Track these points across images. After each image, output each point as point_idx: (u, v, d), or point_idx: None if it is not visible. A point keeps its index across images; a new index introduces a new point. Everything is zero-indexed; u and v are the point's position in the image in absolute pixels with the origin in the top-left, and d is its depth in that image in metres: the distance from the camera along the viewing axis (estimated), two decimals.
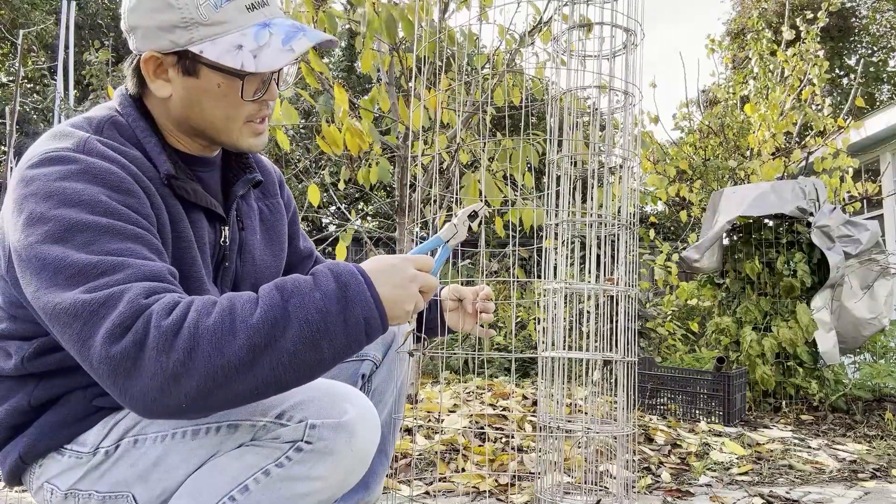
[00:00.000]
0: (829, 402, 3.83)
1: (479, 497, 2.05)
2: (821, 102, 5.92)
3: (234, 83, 1.05)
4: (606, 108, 1.53)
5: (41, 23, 11.58)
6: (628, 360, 1.46)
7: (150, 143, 1.06)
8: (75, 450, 1.04)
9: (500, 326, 5.45)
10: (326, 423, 0.96)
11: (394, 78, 3.15)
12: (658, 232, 8.25)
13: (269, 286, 0.91)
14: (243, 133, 1.11)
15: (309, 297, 0.88)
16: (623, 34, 1.48)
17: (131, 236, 0.93)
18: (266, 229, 1.29)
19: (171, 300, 0.87)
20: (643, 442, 2.81)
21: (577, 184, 1.52)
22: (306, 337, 0.86)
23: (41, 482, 1.07)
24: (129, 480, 1.02)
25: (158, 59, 1.04)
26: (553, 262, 1.51)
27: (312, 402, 0.98)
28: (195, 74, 1.05)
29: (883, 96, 17.92)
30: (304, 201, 3.41)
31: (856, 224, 3.93)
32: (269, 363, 0.85)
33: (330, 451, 0.96)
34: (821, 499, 2.15)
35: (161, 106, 1.10)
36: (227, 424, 0.99)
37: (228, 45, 1.02)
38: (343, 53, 12.47)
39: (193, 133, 1.12)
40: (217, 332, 0.84)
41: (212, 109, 1.07)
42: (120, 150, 1.02)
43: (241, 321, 0.85)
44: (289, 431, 0.96)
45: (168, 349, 0.82)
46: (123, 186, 0.96)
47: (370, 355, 1.39)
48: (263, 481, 0.96)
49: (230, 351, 0.84)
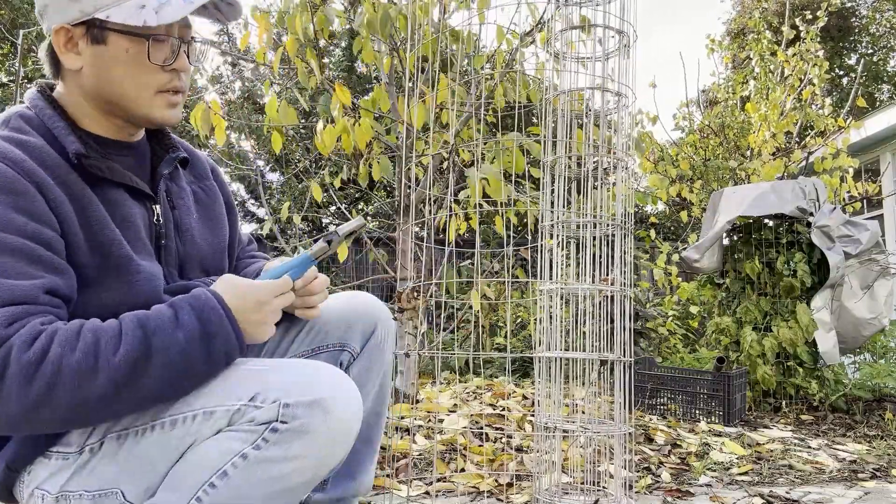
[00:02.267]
0: (829, 402, 3.83)
1: (478, 497, 2.05)
2: (821, 102, 5.92)
3: (142, 46, 1.06)
4: (600, 110, 1.53)
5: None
6: (625, 360, 1.46)
7: (57, 128, 1.06)
8: (61, 451, 1.04)
9: (500, 326, 5.45)
10: (300, 402, 0.95)
11: (394, 78, 3.15)
12: (658, 232, 8.25)
13: (132, 320, 0.95)
14: (155, 103, 1.11)
15: (172, 336, 0.95)
16: (616, 36, 1.48)
17: (8, 249, 0.93)
18: (202, 209, 1.29)
19: (33, 331, 0.89)
20: (643, 442, 2.81)
21: (573, 185, 1.52)
22: (168, 376, 0.95)
23: (31, 489, 1.06)
24: (116, 477, 1.02)
25: (69, 31, 1.06)
26: (549, 263, 1.51)
27: (287, 382, 0.98)
28: (103, 41, 1.06)
29: (883, 96, 17.91)
30: (304, 201, 3.43)
31: (856, 224, 3.93)
32: (130, 398, 0.93)
33: (305, 429, 0.95)
34: (821, 499, 2.15)
35: (74, 82, 1.10)
36: (203, 412, 0.98)
37: (133, 7, 1.04)
38: (343, 53, 12.47)
39: (108, 110, 1.12)
40: (79, 371, 0.89)
41: (121, 78, 1.08)
42: (19, 142, 1.01)
43: (104, 359, 0.91)
44: (263, 413, 0.96)
45: (29, 382, 0.87)
46: (12, 186, 0.96)
47: (349, 346, 1.37)
48: (241, 465, 0.95)
49: (92, 387, 0.90)
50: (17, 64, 5.44)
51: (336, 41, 12.01)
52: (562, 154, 1.50)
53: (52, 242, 0.98)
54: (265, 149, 11.67)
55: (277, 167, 12.37)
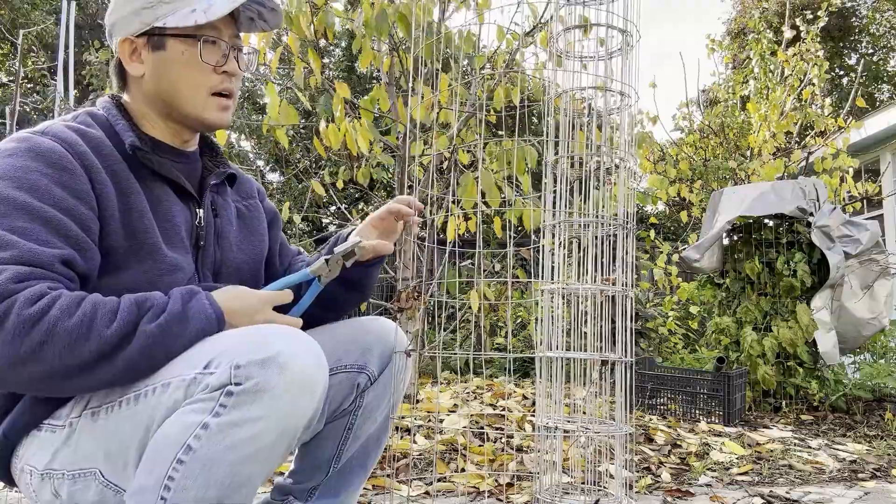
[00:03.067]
0: (829, 402, 3.83)
1: (478, 497, 2.05)
2: (821, 102, 5.92)
3: (195, 48, 1.18)
4: (603, 110, 1.53)
5: (41, 23, 11.60)
6: (626, 360, 1.46)
7: (119, 125, 1.17)
8: (52, 423, 1.07)
9: (500, 326, 5.45)
10: (252, 360, 0.95)
11: (394, 78, 3.15)
12: (658, 232, 8.25)
13: (129, 298, 1.01)
14: (209, 105, 1.21)
15: (156, 319, 1.00)
16: (619, 35, 1.48)
17: (40, 217, 1.01)
18: (244, 223, 1.35)
19: (39, 290, 0.95)
20: (643, 442, 2.81)
21: (575, 185, 1.52)
22: (147, 355, 0.99)
23: (22, 465, 1.09)
24: (93, 455, 1.04)
25: (133, 42, 1.18)
26: (550, 263, 1.51)
27: (239, 346, 0.97)
28: (163, 47, 1.18)
29: (883, 96, 17.91)
30: (304, 201, 3.44)
31: (856, 224, 3.93)
32: (108, 371, 0.98)
33: (262, 388, 0.94)
34: (821, 499, 2.15)
35: (137, 89, 1.21)
36: (161, 384, 0.99)
37: (185, 12, 1.16)
38: (343, 53, 12.47)
39: (166, 113, 1.21)
40: (73, 335, 0.94)
41: (177, 78, 1.18)
42: (80, 131, 1.11)
43: (97, 331, 0.96)
44: (215, 378, 0.95)
45: (22, 336, 0.93)
46: (60, 164, 1.05)
47: (367, 369, 1.36)
48: (204, 436, 0.93)
49: (79, 354, 0.95)
50: (17, 64, 5.45)
51: (336, 41, 12.01)
52: (563, 154, 1.50)
53: (85, 220, 1.05)
54: (265, 149, 11.67)
55: (277, 167, 12.38)
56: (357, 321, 1.42)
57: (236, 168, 1.38)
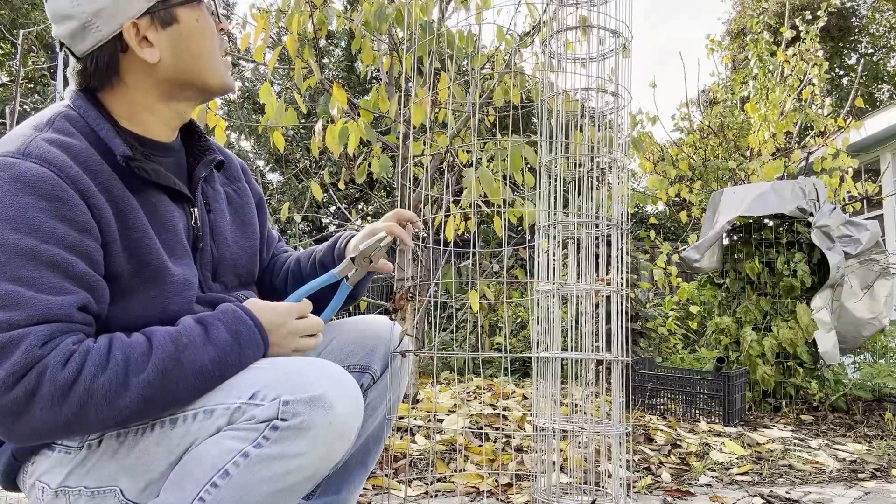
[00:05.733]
0: (829, 402, 3.83)
1: (478, 497, 2.05)
2: (821, 102, 5.91)
3: (203, 12, 1.12)
4: (596, 111, 1.53)
5: (41, 23, 11.59)
6: (622, 360, 1.46)
7: (102, 129, 1.06)
8: (65, 444, 1.04)
9: (500, 327, 5.45)
10: (300, 398, 0.95)
11: (393, 78, 3.15)
12: (658, 232, 8.25)
13: (163, 335, 0.98)
14: (223, 68, 1.16)
15: (203, 349, 0.98)
16: (612, 37, 1.48)
17: (47, 261, 0.93)
18: (235, 212, 1.30)
19: (66, 351, 0.91)
20: (643, 442, 2.81)
21: (570, 185, 1.52)
22: (197, 385, 0.98)
23: (33, 480, 1.07)
24: (115, 474, 1.02)
25: (135, 24, 1.06)
26: (545, 263, 1.50)
27: (286, 379, 0.97)
28: (175, 21, 1.09)
29: (883, 96, 17.90)
30: (304, 201, 3.44)
31: (856, 224, 3.93)
32: (158, 406, 0.96)
33: (306, 426, 0.95)
34: (821, 499, 2.15)
35: (142, 79, 1.10)
36: (203, 410, 0.99)
37: None
38: (343, 53, 12.47)
39: (179, 95, 1.14)
40: (109, 391, 0.92)
41: (199, 50, 1.11)
42: (64, 145, 1.00)
43: (134, 378, 0.93)
44: (263, 410, 0.95)
45: (61, 402, 0.90)
46: (55, 194, 0.94)
47: (371, 369, 1.38)
48: (243, 464, 0.94)
49: (122, 404, 0.93)
50: (17, 64, 5.44)
51: (335, 41, 12.01)
52: (558, 154, 1.50)
53: (91, 254, 0.97)
54: (265, 149, 11.66)
55: (277, 167, 12.38)
56: (363, 320, 1.43)
57: (218, 147, 1.32)
